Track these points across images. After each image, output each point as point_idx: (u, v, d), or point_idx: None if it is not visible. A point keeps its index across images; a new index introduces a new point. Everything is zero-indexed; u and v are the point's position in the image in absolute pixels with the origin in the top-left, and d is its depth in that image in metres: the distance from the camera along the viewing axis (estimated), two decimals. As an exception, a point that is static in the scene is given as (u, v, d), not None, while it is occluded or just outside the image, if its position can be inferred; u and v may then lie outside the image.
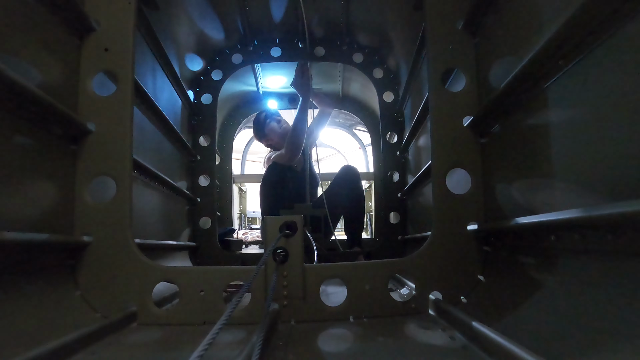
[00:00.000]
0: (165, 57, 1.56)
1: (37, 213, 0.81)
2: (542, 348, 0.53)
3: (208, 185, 2.00)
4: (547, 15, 0.72)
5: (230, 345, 0.75)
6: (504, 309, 0.76)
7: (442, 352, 0.67)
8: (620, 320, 0.49)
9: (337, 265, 0.97)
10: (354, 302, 0.93)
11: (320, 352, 0.70)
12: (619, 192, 0.53)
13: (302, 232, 0.93)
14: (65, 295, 0.85)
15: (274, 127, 2.42)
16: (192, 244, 1.86)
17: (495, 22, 0.95)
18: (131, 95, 0.99)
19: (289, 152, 2.16)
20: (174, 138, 1.65)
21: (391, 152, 2.11)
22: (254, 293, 0.92)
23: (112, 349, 0.71)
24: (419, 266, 0.98)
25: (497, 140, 0.96)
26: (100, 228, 0.94)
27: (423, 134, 1.64)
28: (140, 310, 0.91)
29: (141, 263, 0.93)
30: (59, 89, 0.90)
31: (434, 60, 1.06)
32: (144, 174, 1.30)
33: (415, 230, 1.82)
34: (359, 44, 2.06)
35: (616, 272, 0.53)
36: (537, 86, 0.75)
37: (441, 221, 1.00)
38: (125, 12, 1.01)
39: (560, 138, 0.68)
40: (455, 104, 1.04)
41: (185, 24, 1.71)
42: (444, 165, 1.03)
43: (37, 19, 0.83)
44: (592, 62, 0.60)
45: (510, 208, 0.89)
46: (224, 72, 2.06)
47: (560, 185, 0.69)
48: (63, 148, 0.92)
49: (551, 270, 0.70)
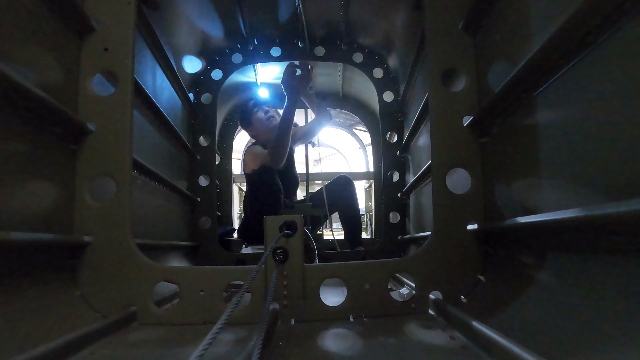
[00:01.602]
0: (165, 57, 1.56)
1: (37, 213, 0.81)
2: (542, 348, 0.53)
3: (208, 185, 2.00)
4: (547, 14, 0.72)
5: (231, 345, 0.75)
6: (504, 309, 0.76)
7: (442, 352, 0.67)
8: (620, 320, 0.49)
9: (337, 265, 0.97)
10: (354, 302, 0.93)
11: (321, 352, 0.70)
12: (619, 192, 0.53)
13: (302, 232, 0.93)
14: (65, 295, 0.85)
15: (261, 118, 2.34)
16: (192, 243, 1.86)
17: (495, 22, 0.95)
18: (131, 95, 0.99)
19: (273, 157, 2.11)
20: (173, 138, 1.65)
21: (391, 152, 2.11)
22: (254, 293, 0.92)
23: (112, 349, 0.71)
24: (419, 266, 0.98)
25: (497, 140, 0.96)
26: (100, 228, 0.94)
27: (423, 134, 1.64)
28: (140, 310, 0.91)
29: (141, 263, 0.93)
30: (59, 88, 0.90)
31: (434, 60, 1.06)
32: (144, 174, 1.31)
33: (415, 230, 1.82)
34: (359, 44, 2.06)
35: (616, 272, 0.53)
36: (537, 86, 0.75)
37: (441, 221, 1.00)
38: (125, 12, 1.01)
39: (560, 138, 0.68)
40: (455, 104, 1.04)
41: (185, 23, 1.71)
42: (444, 165, 1.03)
43: (37, 18, 0.83)
44: (592, 62, 0.60)
45: (510, 208, 0.89)
46: (224, 72, 2.05)
47: (560, 185, 0.69)
48: (63, 148, 0.92)
49: (551, 270, 0.70)
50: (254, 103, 2.37)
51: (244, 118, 2.38)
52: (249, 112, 2.35)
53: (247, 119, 2.36)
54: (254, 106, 2.36)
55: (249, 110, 2.35)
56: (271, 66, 2.35)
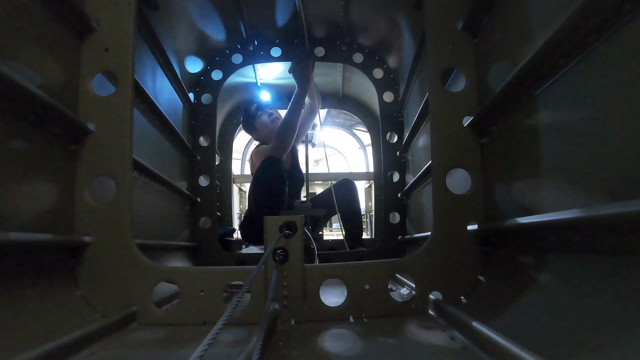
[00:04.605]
0: (165, 57, 1.56)
1: (37, 213, 0.81)
2: (542, 348, 0.53)
3: (208, 185, 2.00)
4: (547, 14, 0.72)
5: (231, 345, 0.75)
6: (504, 309, 0.76)
7: (442, 352, 0.67)
8: (620, 320, 0.49)
9: (337, 265, 0.97)
10: (354, 302, 0.93)
11: (321, 352, 0.70)
12: (619, 192, 0.53)
13: (302, 232, 0.93)
14: (65, 295, 0.85)
15: (265, 121, 2.33)
16: (192, 244, 1.86)
17: (495, 22, 0.95)
18: (131, 95, 0.99)
19: (278, 143, 2.07)
20: (174, 138, 1.65)
21: (391, 152, 2.11)
22: (254, 293, 0.92)
23: (112, 349, 0.71)
24: (419, 266, 0.98)
25: (498, 140, 0.96)
26: (100, 228, 0.94)
27: (423, 134, 1.64)
28: (140, 310, 0.91)
29: (141, 263, 0.93)
30: (59, 89, 0.90)
31: (434, 60, 1.06)
32: (144, 174, 1.31)
33: (415, 230, 1.82)
34: (359, 44, 2.06)
35: (616, 272, 0.53)
36: (537, 86, 0.75)
37: (441, 221, 1.00)
38: (125, 12, 1.01)
39: (560, 138, 0.68)
40: (455, 104, 1.04)
41: (186, 24, 1.71)
42: (444, 165, 1.03)
43: (37, 19, 0.83)
44: (593, 62, 0.60)
45: (510, 208, 0.89)
46: (224, 72, 2.06)
47: (560, 185, 0.69)
48: (63, 148, 0.92)
49: (551, 270, 0.70)
50: (256, 107, 2.36)
51: (248, 123, 2.37)
52: (252, 117, 2.35)
53: (251, 124, 2.36)
54: (257, 110, 2.35)
55: (252, 115, 2.35)
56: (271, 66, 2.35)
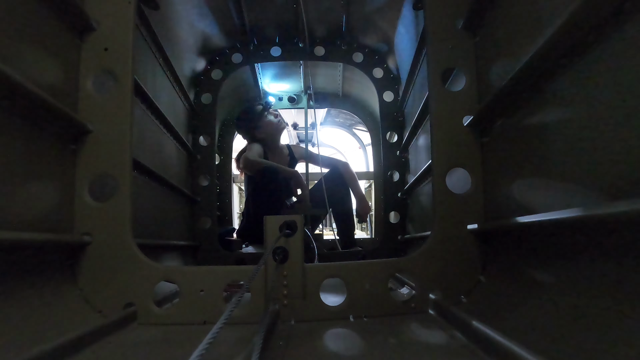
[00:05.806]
0: (165, 57, 1.55)
1: (36, 212, 0.81)
2: (542, 348, 0.53)
3: (208, 185, 2.00)
4: (547, 14, 0.72)
5: (231, 344, 0.75)
6: (504, 309, 0.76)
7: (442, 352, 0.67)
8: (620, 320, 0.49)
9: (337, 265, 0.97)
10: (354, 302, 0.93)
11: (321, 352, 0.70)
12: (619, 192, 0.53)
13: (302, 231, 0.93)
14: (65, 295, 0.85)
15: (272, 121, 2.37)
16: (192, 243, 1.86)
17: (496, 21, 0.95)
18: (131, 95, 0.99)
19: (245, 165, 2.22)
20: (173, 138, 1.65)
21: (391, 152, 2.11)
22: (254, 293, 0.92)
23: (112, 349, 0.71)
24: (419, 266, 0.98)
25: (498, 139, 0.95)
26: (100, 228, 0.94)
27: (423, 133, 1.64)
28: (140, 310, 0.91)
29: (141, 263, 0.93)
30: (59, 88, 0.90)
31: (434, 60, 1.06)
32: (144, 174, 1.30)
33: (415, 230, 1.82)
34: (359, 44, 2.06)
35: (616, 272, 0.53)
36: (537, 85, 0.75)
37: (441, 221, 1.00)
38: (125, 12, 1.01)
39: (560, 137, 0.68)
40: (455, 104, 1.04)
41: (186, 23, 1.71)
42: (444, 165, 1.03)
43: (37, 18, 0.83)
44: (593, 62, 0.59)
45: (510, 208, 0.89)
46: (224, 72, 2.06)
47: (560, 185, 0.69)
48: (63, 148, 0.92)
49: (551, 270, 0.70)
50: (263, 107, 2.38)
51: (251, 121, 2.37)
52: (257, 116, 2.36)
53: (256, 121, 2.36)
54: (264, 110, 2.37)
55: (259, 114, 2.36)
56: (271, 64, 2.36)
